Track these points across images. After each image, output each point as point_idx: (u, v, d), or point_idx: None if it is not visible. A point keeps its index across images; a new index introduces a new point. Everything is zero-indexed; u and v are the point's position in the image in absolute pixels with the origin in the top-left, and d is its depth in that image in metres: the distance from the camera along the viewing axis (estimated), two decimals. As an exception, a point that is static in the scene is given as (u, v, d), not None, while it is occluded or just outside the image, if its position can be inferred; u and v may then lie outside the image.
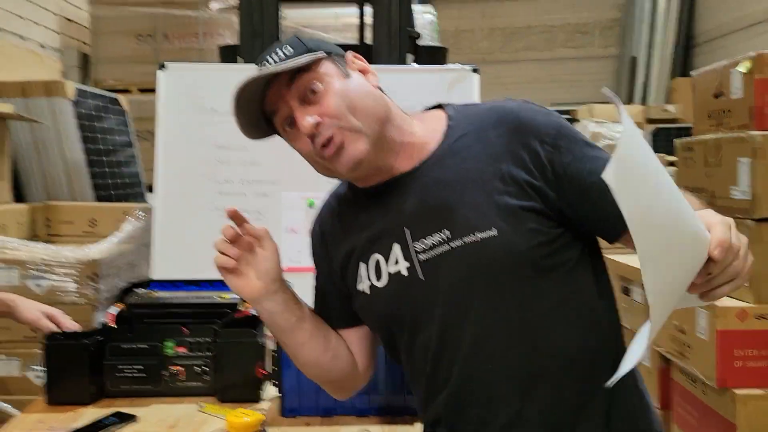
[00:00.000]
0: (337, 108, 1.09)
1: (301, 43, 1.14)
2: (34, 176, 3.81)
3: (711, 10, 9.27)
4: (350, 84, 1.12)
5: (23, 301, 1.70)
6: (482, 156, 1.11)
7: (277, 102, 1.12)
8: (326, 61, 1.13)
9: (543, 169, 1.08)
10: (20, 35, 5.53)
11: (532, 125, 1.11)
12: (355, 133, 1.09)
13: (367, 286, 1.17)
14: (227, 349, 1.52)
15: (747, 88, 2.02)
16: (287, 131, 1.14)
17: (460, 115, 1.18)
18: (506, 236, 1.06)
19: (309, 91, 1.10)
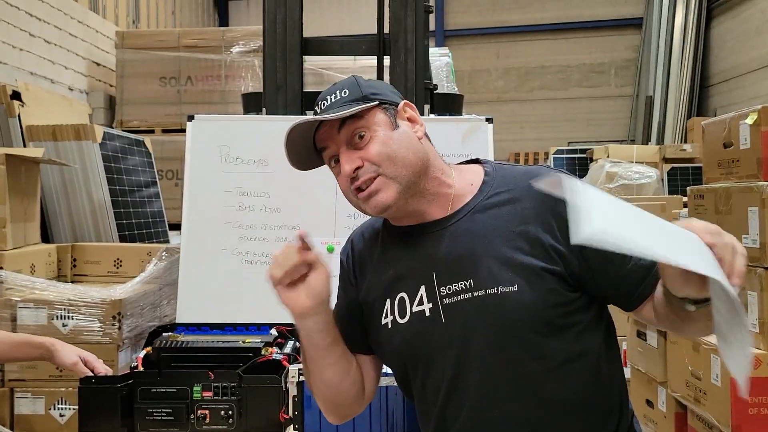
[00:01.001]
0: (378, 156, 1.18)
1: (358, 88, 1.23)
2: (62, 217, 3.93)
3: (726, 50, 9.35)
4: (395, 135, 1.21)
5: (62, 345, 1.77)
6: (512, 215, 1.18)
7: (327, 140, 1.22)
8: (377, 109, 1.22)
9: (566, 237, 1.13)
10: (51, 79, 5.75)
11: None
12: (389, 180, 1.18)
13: (390, 321, 1.23)
14: (251, 393, 1.58)
15: (754, 139, 2.07)
16: (333, 166, 1.24)
17: (496, 174, 1.26)
18: (525, 293, 1.13)
19: (356, 136, 1.20)
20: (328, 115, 1.19)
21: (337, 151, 1.21)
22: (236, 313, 2.28)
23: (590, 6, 10.94)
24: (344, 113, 1.18)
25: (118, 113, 6.06)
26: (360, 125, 1.20)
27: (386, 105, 1.24)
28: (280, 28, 2.61)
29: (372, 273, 1.29)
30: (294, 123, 1.20)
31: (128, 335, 2.94)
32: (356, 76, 1.28)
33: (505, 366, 1.14)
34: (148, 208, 4.56)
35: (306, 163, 1.27)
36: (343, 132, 1.20)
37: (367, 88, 1.23)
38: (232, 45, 6.09)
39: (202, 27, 10.45)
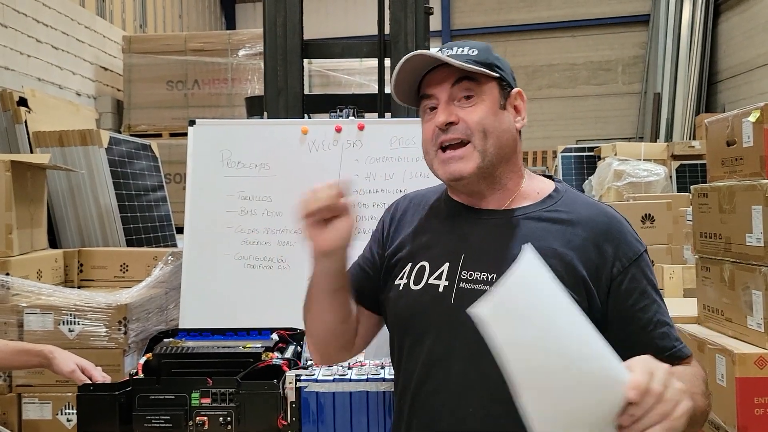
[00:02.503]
0: (476, 124, 1.19)
1: (487, 54, 1.23)
2: (69, 222, 3.96)
3: (734, 46, 9.27)
4: (499, 114, 1.22)
5: (60, 353, 1.78)
6: (561, 236, 1.19)
7: (434, 86, 1.22)
8: (495, 82, 1.23)
9: (602, 278, 1.16)
10: (59, 85, 5.80)
11: (616, 238, 1.19)
12: (475, 152, 1.19)
13: (403, 284, 1.25)
14: (249, 399, 1.58)
15: (757, 137, 2.05)
16: (426, 112, 1.24)
17: (566, 194, 1.27)
18: None
19: (464, 95, 1.20)
20: (456, 60, 1.18)
21: (438, 100, 1.22)
22: (239, 317, 2.28)
23: (597, 3, 10.89)
24: (470, 67, 1.18)
25: (125, 117, 6.10)
26: (472, 87, 1.20)
27: (504, 83, 1.24)
28: (281, 31, 2.61)
29: (406, 233, 1.31)
30: (416, 53, 1.19)
31: (134, 340, 2.96)
32: (489, 45, 1.28)
33: (493, 368, 1.09)
34: (155, 212, 4.59)
35: (405, 94, 1.27)
36: (456, 87, 1.20)
37: (495, 59, 1.24)
38: (238, 48, 6.12)
39: (210, 30, 10.49)
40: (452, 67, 1.19)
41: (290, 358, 1.77)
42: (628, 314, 1.16)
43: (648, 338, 1.17)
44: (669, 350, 1.18)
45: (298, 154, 2.48)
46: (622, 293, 1.17)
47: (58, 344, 2.51)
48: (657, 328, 1.18)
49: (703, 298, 2.30)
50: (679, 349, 1.20)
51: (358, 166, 2.47)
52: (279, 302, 2.38)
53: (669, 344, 1.19)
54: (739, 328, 2.09)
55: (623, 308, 1.17)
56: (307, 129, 2.49)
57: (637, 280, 1.18)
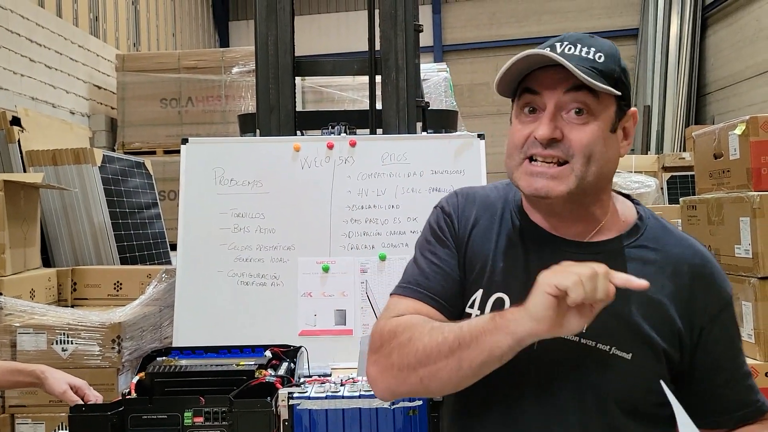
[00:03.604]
0: (583, 147, 1.02)
1: (615, 65, 1.06)
2: (63, 241, 3.95)
3: (722, 58, 9.38)
4: (608, 139, 1.05)
5: (52, 372, 1.78)
6: (653, 280, 1.02)
7: (544, 88, 1.04)
8: (614, 102, 1.06)
9: (693, 326, 1.08)
10: (52, 104, 5.81)
11: (709, 282, 1.10)
12: (571, 175, 1.03)
13: (475, 315, 1.10)
14: (242, 417, 1.58)
15: (743, 149, 2.08)
16: (523, 112, 1.07)
17: (650, 223, 1.14)
18: (637, 368, 1.04)
19: (576, 108, 1.03)
20: (575, 67, 0.99)
21: (544, 105, 1.04)
22: (233, 334, 2.28)
23: (586, 18, 11.00)
24: (594, 83, 1.00)
25: (119, 135, 6.11)
26: (589, 102, 1.03)
27: (624, 103, 1.08)
28: (272, 49, 2.64)
29: (479, 247, 1.13)
30: (534, 52, 1.02)
31: (128, 358, 2.95)
32: (618, 49, 1.11)
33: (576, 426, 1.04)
34: (149, 230, 4.59)
35: (505, 84, 1.09)
36: (569, 96, 1.03)
37: (621, 72, 1.07)
38: (231, 65, 6.15)
39: (203, 48, 10.54)
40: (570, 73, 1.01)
41: (284, 375, 1.77)
42: (716, 365, 1.09)
43: (735, 391, 1.11)
44: (755, 404, 1.12)
45: (291, 171, 2.50)
46: (711, 342, 1.08)
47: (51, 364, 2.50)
48: (744, 380, 1.12)
49: (694, 310, 2.31)
50: (763, 403, 1.13)
51: (350, 183, 2.49)
52: (272, 319, 2.39)
53: (754, 398, 1.12)
54: (730, 339, 2.10)
55: (712, 359, 1.09)
56: (300, 146, 2.51)
57: (727, 328, 1.11)
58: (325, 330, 2.36)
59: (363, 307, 2.38)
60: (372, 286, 2.39)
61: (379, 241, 2.43)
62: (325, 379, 1.78)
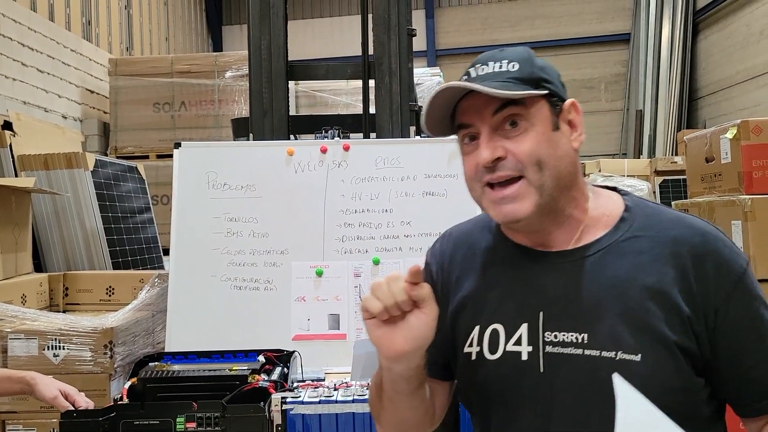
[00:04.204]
0: (528, 156, 0.99)
1: (530, 67, 1.03)
2: (55, 245, 3.93)
3: (713, 63, 9.44)
4: (553, 139, 1.02)
5: (42, 378, 1.77)
6: (652, 269, 0.99)
7: (471, 116, 1.03)
8: (544, 100, 1.02)
9: (707, 309, 0.98)
10: (44, 108, 5.79)
11: (715, 257, 1.00)
12: (531, 188, 1.00)
13: (476, 352, 1.06)
14: (235, 423, 1.57)
15: (734, 153, 2.09)
16: (465, 143, 1.05)
17: (639, 211, 1.06)
18: (649, 368, 0.96)
19: (509, 122, 1.01)
20: (488, 88, 0.98)
21: (478, 131, 1.02)
22: (226, 339, 2.28)
23: (578, 23, 11.06)
24: (510, 94, 0.98)
25: (112, 140, 6.09)
26: (518, 112, 1.00)
27: (555, 98, 1.04)
28: (266, 54, 2.64)
29: (464, 288, 1.11)
30: (445, 86, 1.00)
31: (121, 363, 2.93)
32: (529, 51, 1.07)
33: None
34: (141, 234, 4.57)
35: (438, 127, 1.07)
36: (498, 116, 1.00)
37: (540, 71, 1.03)
38: (225, 70, 6.15)
39: (196, 52, 10.53)
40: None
41: (277, 380, 1.77)
42: (742, 347, 0.99)
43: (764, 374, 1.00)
44: None
45: (284, 175, 2.49)
46: (731, 323, 0.98)
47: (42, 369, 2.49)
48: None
49: (686, 313, 2.33)
50: None
51: (343, 187, 2.49)
52: (266, 323, 2.38)
53: None
54: (722, 343, 2.11)
55: (735, 341, 0.99)
56: (293, 150, 2.51)
57: (746, 304, 0.99)
58: (318, 334, 2.35)
59: (357, 312, 2.37)
60: (365, 291, 2.39)
61: (372, 245, 2.43)
62: (319, 384, 1.77)
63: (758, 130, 2.10)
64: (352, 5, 11.44)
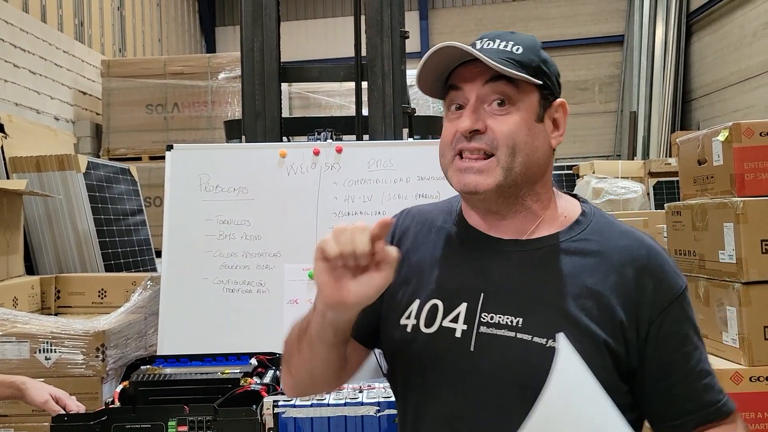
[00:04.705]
0: (505, 137, 1.02)
1: (534, 55, 1.06)
2: (47, 248, 3.91)
3: (706, 65, 9.48)
4: (533, 129, 1.05)
5: (33, 383, 1.76)
6: (594, 272, 1.03)
7: (464, 82, 1.05)
8: (537, 90, 1.05)
9: (641, 320, 1.02)
10: (36, 109, 5.76)
11: (657, 273, 1.04)
12: (497, 168, 1.02)
13: (411, 325, 1.08)
14: (227, 426, 1.57)
15: (726, 155, 2.09)
16: (451, 111, 1.07)
17: (594, 218, 1.10)
18: None
19: (497, 100, 1.03)
20: (490, 59, 1.00)
21: (467, 99, 1.05)
22: (218, 342, 2.27)
23: (573, 25, 11.09)
24: (509, 71, 1.01)
25: (104, 141, 6.07)
26: (509, 93, 1.03)
27: (547, 92, 1.07)
28: (258, 56, 2.63)
29: (412, 262, 1.13)
30: (447, 43, 1.02)
31: (113, 367, 2.91)
32: (537, 41, 1.10)
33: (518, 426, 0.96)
34: (134, 237, 4.55)
35: (430, 85, 1.09)
36: (489, 87, 1.03)
37: (542, 62, 1.06)
38: (218, 71, 6.13)
39: (189, 54, 10.51)
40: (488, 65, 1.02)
41: (269, 383, 1.76)
42: (668, 363, 1.03)
43: (690, 390, 1.04)
44: (714, 405, 1.04)
45: (277, 178, 2.49)
46: (662, 338, 1.03)
47: (34, 373, 2.47)
48: (700, 378, 1.04)
49: (679, 315, 2.33)
50: (724, 403, 1.06)
51: (336, 189, 2.48)
52: (258, 326, 2.37)
53: (714, 398, 1.05)
54: (715, 344, 2.12)
55: (663, 356, 1.03)
56: (286, 152, 2.50)
57: (679, 323, 1.04)
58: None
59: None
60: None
61: (365, 247, 2.42)
62: (311, 387, 1.76)
63: (750, 133, 2.10)
64: (345, 6, 11.44)
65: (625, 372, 1.02)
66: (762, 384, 1.99)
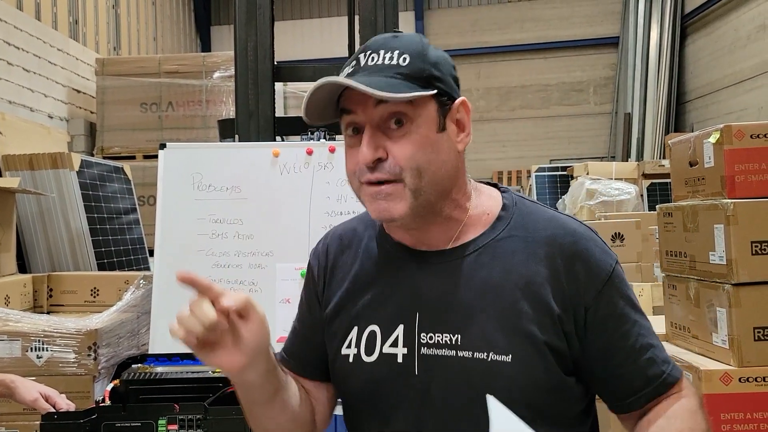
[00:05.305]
0: (408, 161, 0.97)
1: (422, 62, 0.98)
2: (39, 246, 3.90)
3: (701, 67, 9.52)
4: (436, 142, 0.99)
5: (22, 381, 1.75)
6: (524, 269, 1.01)
7: (355, 105, 0.98)
8: (432, 100, 0.99)
9: (577, 308, 1.00)
10: (30, 107, 5.74)
11: (585, 257, 1.02)
12: (406, 191, 0.98)
13: (353, 354, 1.05)
14: (217, 425, 1.57)
15: (717, 157, 2.10)
16: (349, 135, 1.02)
17: (516, 210, 1.07)
18: (519, 368, 0.97)
19: (394, 120, 0.97)
20: (373, 82, 0.94)
21: (362, 122, 0.98)
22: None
23: (568, 26, 11.12)
24: (392, 97, 0.94)
25: (98, 140, 6.06)
26: (404, 110, 0.96)
27: (444, 98, 1.00)
28: (252, 55, 2.63)
29: (344, 288, 1.10)
30: (324, 80, 0.96)
31: (105, 365, 2.91)
32: (424, 39, 1.03)
33: None
34: (127, 235, 4.54)
35: (321, 114, 1.03)
36: (382, 108, 0.96)
37: (432, 67, 0.99)
38: (213, 70, 6.12)
39: (184, 52, 10.49)
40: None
41: (260, 383, 1.76)
42: (608, 346, 1.01)
43: (634, 369, 1.02)
44: (658, 378, 1.03)
45: (270, 177, 2.49)
46: (599, 322, 1.01)
47: (26, 371, 2.47)
48: (642, 354, 1.02)
49: (670, 316, 2.34)
50: (668, 374, 1.04)
51: (329, 189, 2.48)
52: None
53: (657, 371, 1.03)
54: (705, 345, 2.13)
55: (604, 339, 1.01)
56: (279, 152, 2.50)
57: (613, 303, 1.02)
58: (303, 336, 2.34)
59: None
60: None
61: (358, 247, 2.42)
62: (302, 386, 1.76)
63: (741, 135, 2.11)
64: (341, 6, 11.44)
65: (571, 365, 1.01)
66: (751, 385, 2.00)
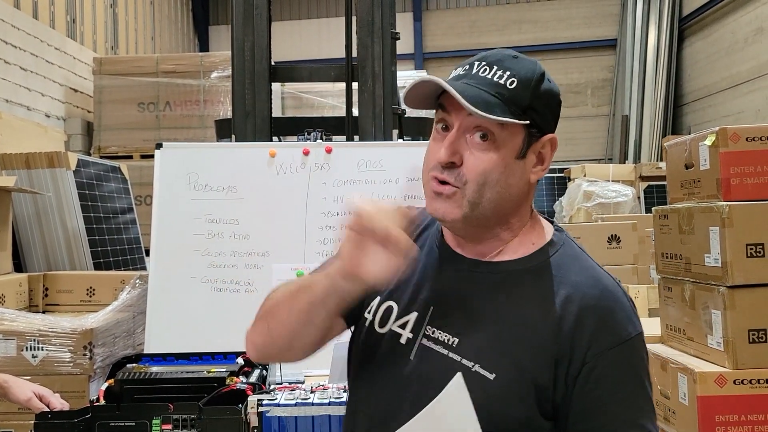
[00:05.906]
0: (476, 176, 1.01)
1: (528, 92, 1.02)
2: (35, 246, 3.90)
3: (698, 70, 9.53)
4: (510, 167, 1.02)
5: (15, 381, 1.75)
6: (538, 305, 1.03)
7: (451, 107, 1.03)
8: (522, 129, 1.03)
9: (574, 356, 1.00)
10: (27, 106, 5.73)
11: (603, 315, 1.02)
12: (464, 201, 1.02)
13: (368, 321, 1.11)
14: (211, 425, 1.57)
15: (713, 160, 2.10)
16: (437, 131, 1.06)
17: (560, 249, 1.09)
18: (498, 389, 0.99)
19: (480, 133, 1.01)
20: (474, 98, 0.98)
21: (452, 123, 1.03)
22: (206, 341, 2.26)
23: (566, 28, 11.13)
24: (489, 117, 0.98)
25: (95, 139, 6.05)
26: (493, 129, 1.01)
27: (534, 129, 1.04)
28: (249, 55, 2.63)
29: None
30: (430, 78, 1.01)
31: (100, 365, 2.90)
32: (540, 70, 1.05)
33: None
34: (124, 235, 4.54)
35: (420, 102, 1.08)
36: (471, 118, 1.00)
37: (535, 99, 1.02)
38: (210, 70, 6.12)
39: (182, 52, 10.48)
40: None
41: (255, 383, 1.77)
42: (596, 406, 0.99)
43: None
44: None
45: (266, 177, 2.49)
46: (594, 380, 0.99)
47: (21, 370, 2.46)
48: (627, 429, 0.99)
49: (665, 318, 2.34)
50: None
51: (325, 189, 2.48)
52: (246, 326, 2.36)
53: None
54: (700, 347, 2.13)
55: (592, 398, 0.99)
56: (275, 152, 2.50)
57: (619, 369, 1.00)
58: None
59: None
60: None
61: (354, 247, 2.42)
62: (296, 386, 1.77)
63: (736, 138, 2.11)
64: (339, 7, 11.44)
65: (550, 408, 1.00)
66: (746, 387, 2.00)
